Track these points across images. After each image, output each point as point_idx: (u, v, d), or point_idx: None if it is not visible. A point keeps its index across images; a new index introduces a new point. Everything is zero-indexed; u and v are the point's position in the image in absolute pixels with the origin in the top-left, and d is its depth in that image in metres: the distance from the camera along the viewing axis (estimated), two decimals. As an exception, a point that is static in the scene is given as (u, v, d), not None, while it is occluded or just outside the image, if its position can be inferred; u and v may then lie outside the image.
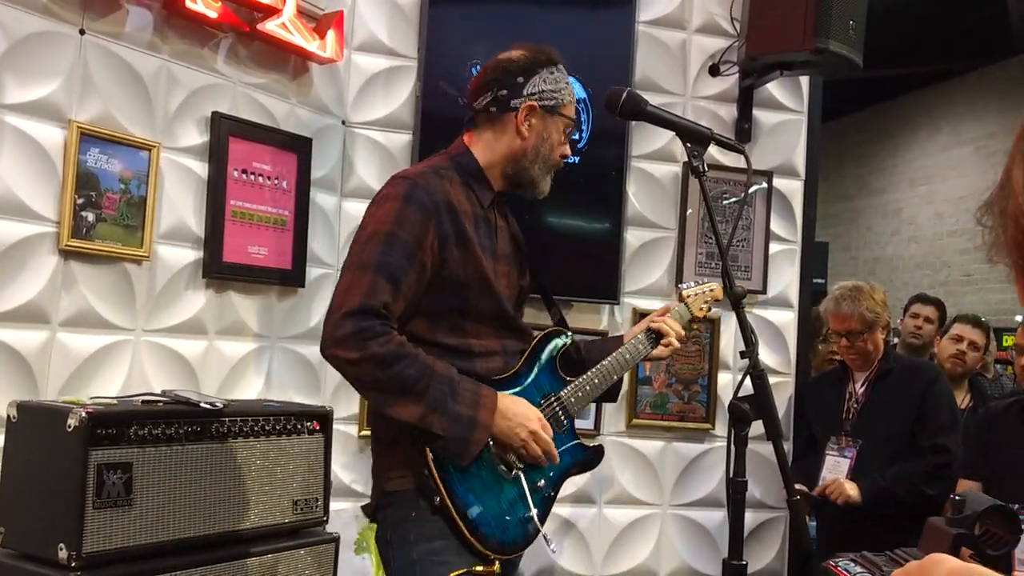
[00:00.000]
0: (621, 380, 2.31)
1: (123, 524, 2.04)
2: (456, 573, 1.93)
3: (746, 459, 1.91)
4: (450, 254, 1.99)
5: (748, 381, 1.92)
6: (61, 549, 1.96)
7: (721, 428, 3.48)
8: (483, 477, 1.99)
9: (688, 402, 3.50)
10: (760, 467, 3.43)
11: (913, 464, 3.11)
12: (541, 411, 2.08)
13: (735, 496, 1.90)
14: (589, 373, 2.20)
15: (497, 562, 2.00)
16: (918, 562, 0.70)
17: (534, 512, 2.04)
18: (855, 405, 3.31)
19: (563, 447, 2.12)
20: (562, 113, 2.14)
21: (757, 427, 1.89)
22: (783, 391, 3.57)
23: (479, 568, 1.96)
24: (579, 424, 3.38)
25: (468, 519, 1.95)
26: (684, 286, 2.48)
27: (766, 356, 3.54)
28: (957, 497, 2.10)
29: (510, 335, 2.13)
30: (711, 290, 2.47)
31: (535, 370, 2.14)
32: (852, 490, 3.09)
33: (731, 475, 1.91)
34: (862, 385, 3.32)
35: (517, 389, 2.08)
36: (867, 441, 3.18)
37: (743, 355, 1.93)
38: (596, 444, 2.29)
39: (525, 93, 2.09)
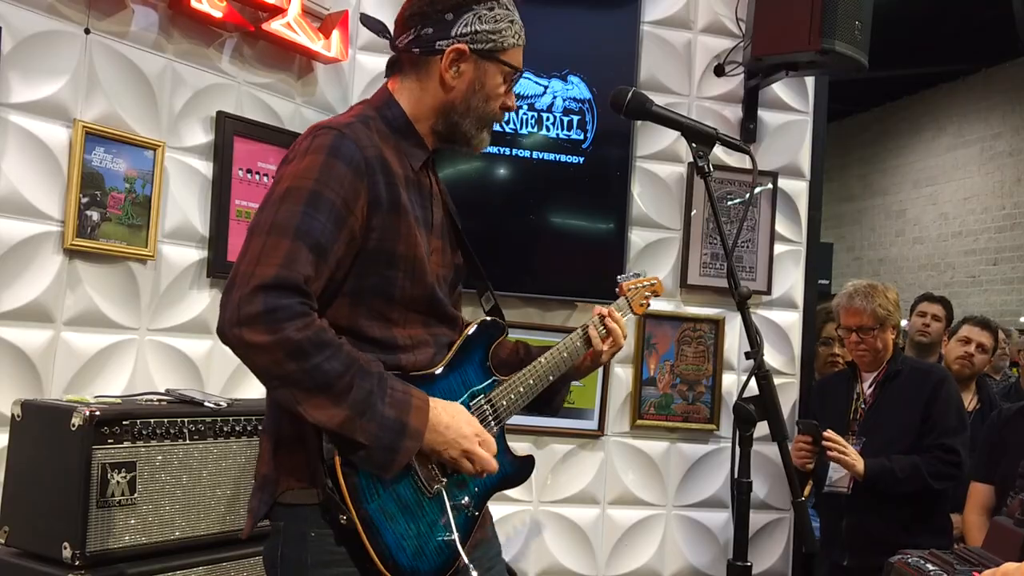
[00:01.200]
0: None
1: (127, 523, 2.05)
2: None
3: (751, 460, 1.90)
4: (379, 223, 1.65)
5: (753, 382, 1.91)
6: (65, 548, 1.96)
7: (725, 429, 3.47)
8: (399, 493, 1.67)
9: (692, 403, 3.50)
10: (765, 468, 3.43)
11: (922, 456, 3.09)
12: (469, 412, 1.77)
13: (740, 497, 1.89)
14: (523, 372, 1.89)
15: None
16: (1016, 564, 0.70)
17: (455, 536, 1.72)
18: (863, 405, 3.30)
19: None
20: (501, 59, 1.77)
21: (762, 428, 1.88)
22: (788, 392, 3.56)
23: None
24: (582, 424, 3.42)
25: (380, 544, 1.62)
26: (623, 277, 2.22)
27: (770, 357, 3.54)
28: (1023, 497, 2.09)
29: (441, 324, 1.80)
30: (652, 283, 2.22)
31: (464, 365, 1.83)
32: (859, 465, 3.05)
33: (736, 476, 1.89)
34: (870, 385, 3.31)
35: (443, 385, 1.78)
36: (873, 441, 3.16)
37: (748, 356, 1.91)
38: (526, 455, 1.94)
39: (454, 34, 1.73)
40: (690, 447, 3.50)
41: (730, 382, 3.52)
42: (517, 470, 1.92)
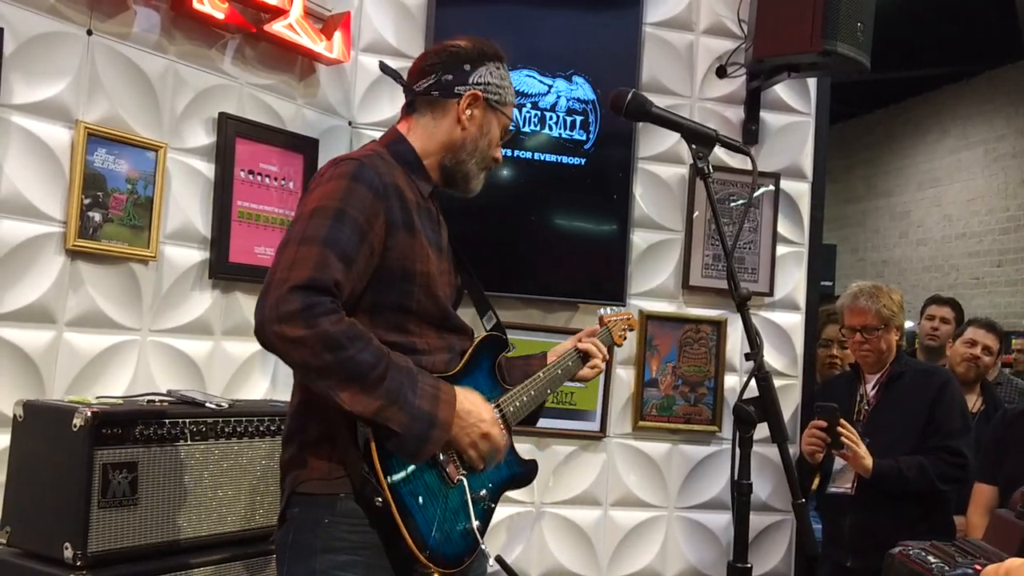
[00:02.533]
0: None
1: (128, 523, 2.05)
2: None
3: (752, 462, 1.90)
4: (396, 243, 1.82)
5: (753, 383, 1.91)
6: (67, 548, 1.97)
7: (727, 430, 3.47)
8: (427, 482, 1.81)
9: (694, 404, 3.49)
10: (766, 470, 3.43)
11: (928, 457, 3.08)
12: None
13: (740, 498, 1.88)
14: (527, 383, 2.08)
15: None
16: (1021, 560, 0.70)
17: (475, 524, 1.88)
18: (866, 407, 3.30)
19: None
20: (503, 111, 2.03)
21: (764, 430, 1.88)
22: (790, 393, 3.55)
23: None
24: (584, 426, 3.41)
25: (411, 525, 1.75)
26: (604, 312, 2.48)
27: (772, 359, 3.53)
28: None
29: (452, 334, 1.98)
30: (628, 319, 2.48)
31: (475, 372, 2.00)
32: (867, 460, 3.04)
33: (735, 477, 1.89)
34: (873, 387, 3.30)
35: (460, 386, 1.90)
36: (877, 443, 3.16)
37: (748, 357, 1.91)
38: (530, 459, 2.12)
39: (471, 82, 1.97)
40: (692, 448, 3.49)
41: (732, 383, 3.51)
42: (523, 471, 2.10)
